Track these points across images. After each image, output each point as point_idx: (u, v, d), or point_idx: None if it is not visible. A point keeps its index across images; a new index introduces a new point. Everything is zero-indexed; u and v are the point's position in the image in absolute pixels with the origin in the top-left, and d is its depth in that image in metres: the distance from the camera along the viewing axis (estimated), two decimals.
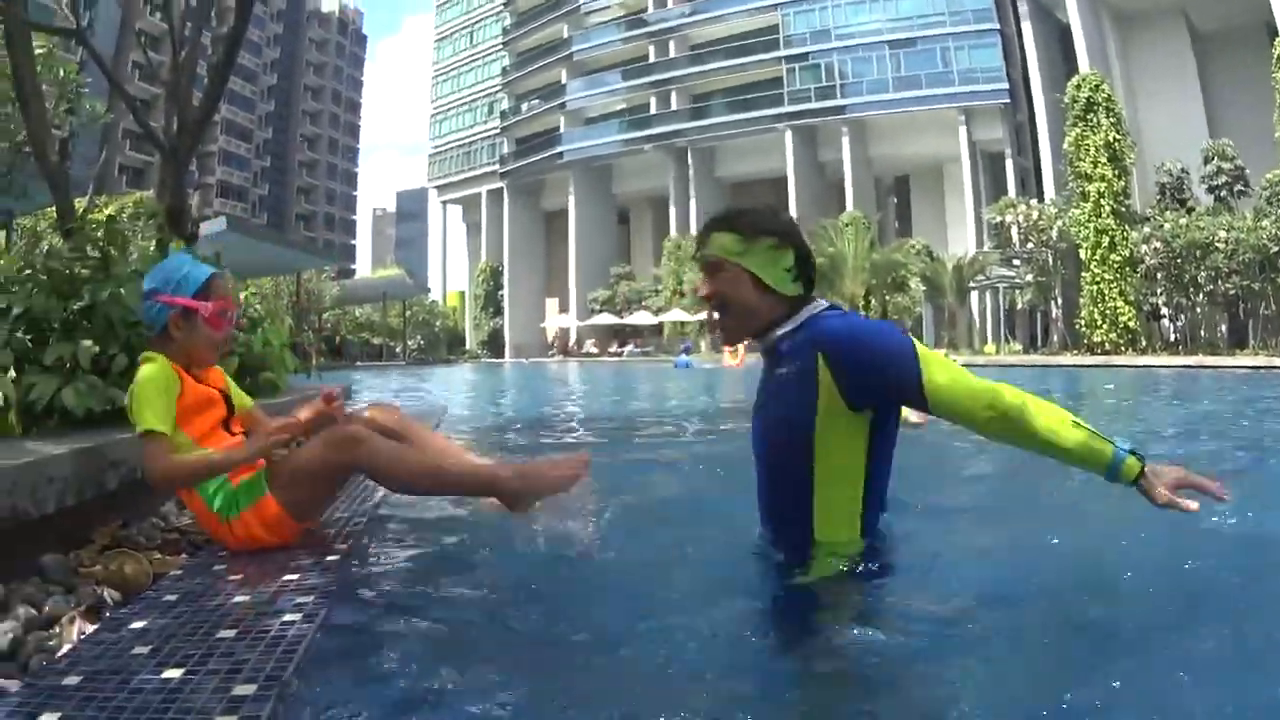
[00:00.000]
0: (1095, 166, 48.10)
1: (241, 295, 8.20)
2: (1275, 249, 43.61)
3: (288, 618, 2.76)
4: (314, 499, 3.91)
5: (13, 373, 4.41)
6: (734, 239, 3.41)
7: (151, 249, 6.99)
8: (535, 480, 3.83)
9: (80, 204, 8.53)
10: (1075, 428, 3.02)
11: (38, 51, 7.40)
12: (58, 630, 2.81)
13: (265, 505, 3.75)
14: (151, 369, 3.75)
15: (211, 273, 4.05)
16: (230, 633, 2.64)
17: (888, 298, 62.83)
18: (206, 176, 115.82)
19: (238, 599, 3.01)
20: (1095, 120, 48.87)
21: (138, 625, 2.74)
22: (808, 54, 78.11)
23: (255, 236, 31.65)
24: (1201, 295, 48.05)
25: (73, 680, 2.30)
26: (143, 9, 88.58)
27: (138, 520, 4.22)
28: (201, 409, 3.94)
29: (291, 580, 3.24)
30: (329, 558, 3.61)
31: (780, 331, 3.40)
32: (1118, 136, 48.64)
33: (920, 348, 3.15)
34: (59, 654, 2.58)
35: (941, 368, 3.12)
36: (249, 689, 2.19)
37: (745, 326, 3.47)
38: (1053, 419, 3.03)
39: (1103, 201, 47.75)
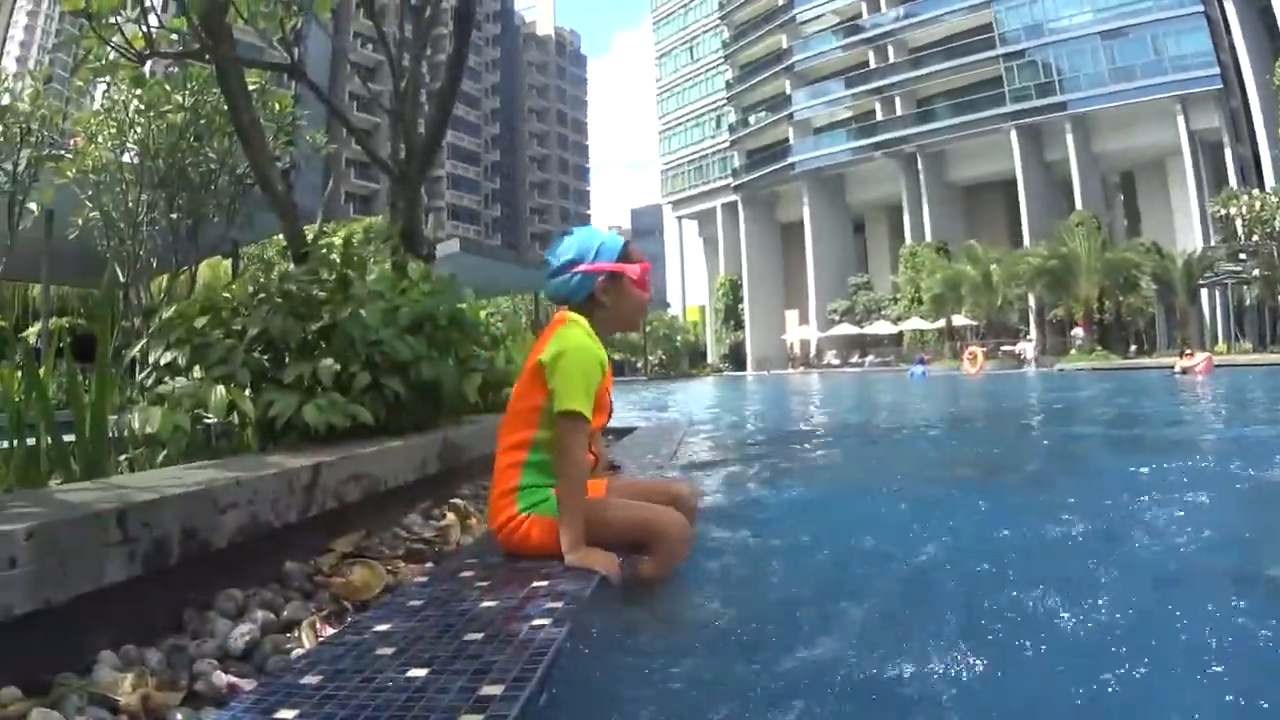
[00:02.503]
0: None
1: (482, 314, 8.17)
2: None
3: (537, 622, 2.80)
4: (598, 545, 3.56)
5: (249, 391, 4.58)
6: None
7: (388, 269, 7.32)
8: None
9: (311, 230, 8.60)
10: None
11: (250, 88, 7.79)
12: (297, 634, 2.99)
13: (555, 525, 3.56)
14: (586, 341, 3.69)
15: (625, 241, 4.06)
16: (477, 635, 2.68)
17: (1120, 298, 62.82)
18: (436, 200, 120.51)
19: (485, 604, 3.03)
20: None
21: (381, 628, 2.79)
22: (1023, 50, 79.26)
23: (489, 256, 33.27)
24: None
25: (312, 680, 2.35)
26: (352, 42, 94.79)
27: (381, 530, 4.35)
28: (598, 408, 3.76)
29: (541, 586, 3.24)
30: None
31: None
32: None
33: None
34: (297, 655, 2.72)
35: None
36: (496, 689, 2.23)
37: None
38: None
39: None
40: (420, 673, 2.37)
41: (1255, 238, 53.35)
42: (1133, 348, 62.36)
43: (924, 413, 18.83)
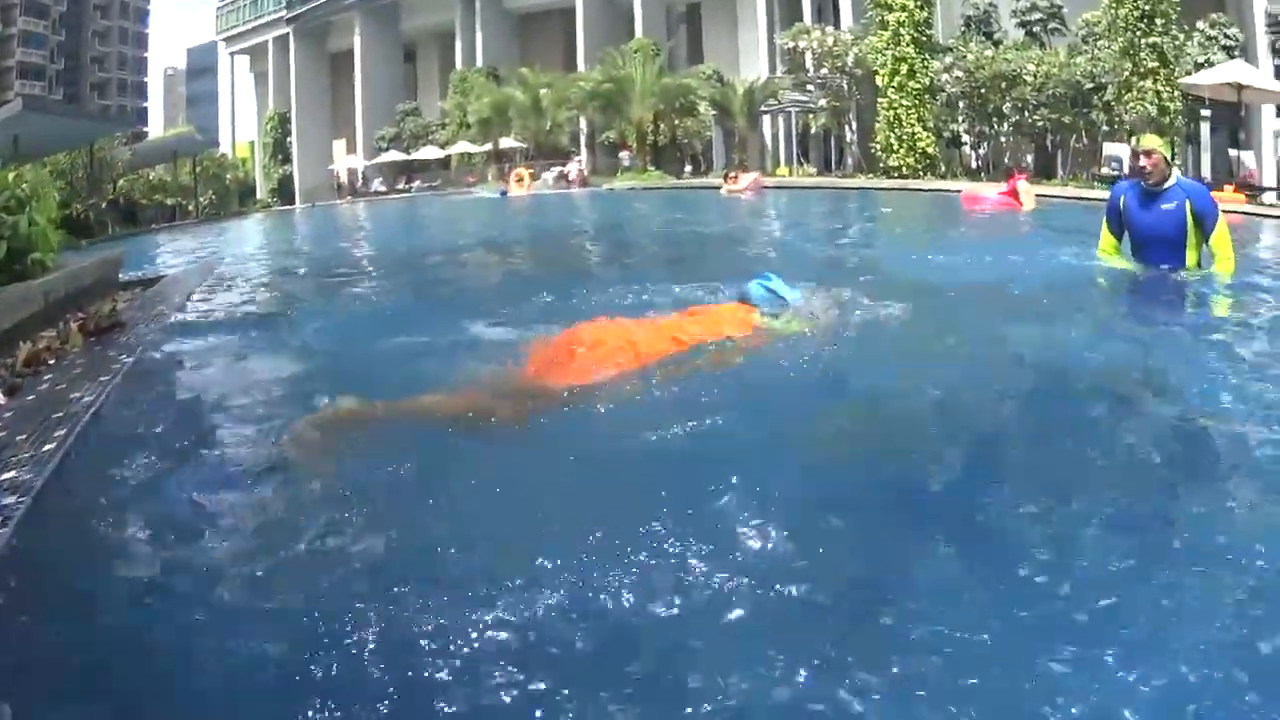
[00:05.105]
0: None
1: (10, 175, 7.97)
2: (1089, 85, 42.48)
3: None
4: None
5: None
6: (1161, 140, 8.74)
7: None
8: None
9: None
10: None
11: None
12: None
13: None
14: None
15: None
16: None
17: (677, 122, 61.52)
18: (6, 60, 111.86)
19: None
20: None
21: None
22: None
23: (51, 113, 33.11)
24: (1006, 125, 46.84)
25: None
26: None
27: None
28: None
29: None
30: (46, 447, 3.81)
31: (1166, 185, 8.42)
32: None
33: (1222, 214, 8.41)
34: None
35: (1223, 227, 8.36)
36: None
37: (1159, 178, 8.40)
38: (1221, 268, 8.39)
39: (902, 30, 45.81)
40: None
41: (825, 71, 52.37)
42: (688, 169, 61.59)
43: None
